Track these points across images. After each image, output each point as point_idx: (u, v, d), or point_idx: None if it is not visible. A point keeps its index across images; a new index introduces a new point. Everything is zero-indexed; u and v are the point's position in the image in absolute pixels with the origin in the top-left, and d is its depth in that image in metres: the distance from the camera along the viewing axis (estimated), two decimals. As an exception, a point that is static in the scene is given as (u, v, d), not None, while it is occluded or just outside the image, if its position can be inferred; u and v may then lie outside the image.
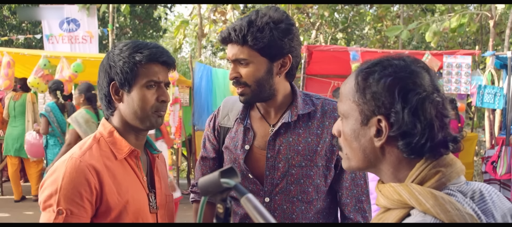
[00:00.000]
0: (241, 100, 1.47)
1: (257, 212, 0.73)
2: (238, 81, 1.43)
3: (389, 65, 0.88)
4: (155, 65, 1.28)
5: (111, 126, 1.32)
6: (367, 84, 0.88)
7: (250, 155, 1.50)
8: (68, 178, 1.18)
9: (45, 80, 5.51)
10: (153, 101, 1.28)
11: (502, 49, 7.55)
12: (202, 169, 1.65)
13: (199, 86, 6.04)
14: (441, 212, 0.78)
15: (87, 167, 1.20)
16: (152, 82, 1.28)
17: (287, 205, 1.46)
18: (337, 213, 1.59)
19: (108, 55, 1.32)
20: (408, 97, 0.83)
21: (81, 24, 8.47)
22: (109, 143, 1.30)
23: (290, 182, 1.45)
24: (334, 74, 6.87)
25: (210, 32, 11.03)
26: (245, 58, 1.40)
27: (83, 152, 1.24)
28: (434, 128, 0.84)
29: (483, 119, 8.16)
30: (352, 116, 0.91)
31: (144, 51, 1.26)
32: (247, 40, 1.38)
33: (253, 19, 1.39)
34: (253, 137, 1.51)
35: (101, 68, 1.33)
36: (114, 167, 1.27)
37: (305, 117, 1.49)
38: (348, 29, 13.95)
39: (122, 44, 1.31)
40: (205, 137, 1.66)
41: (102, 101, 1.35)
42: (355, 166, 0.95)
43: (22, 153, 5.89)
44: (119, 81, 1.27)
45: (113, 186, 1.24)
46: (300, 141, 1.46)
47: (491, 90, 5.70)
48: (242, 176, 1.50)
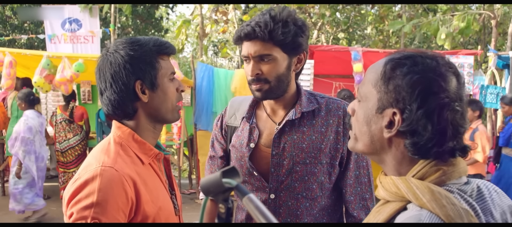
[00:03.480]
0: (258, 96, 1.47)
1: (258, 212, 0.73)
2: (258, 78, 1.43)
3: (421, 62, 0.87)
4: (167, 57, 1.28)
5: (128, 129, 1.24)
6: (393, 75, 0.87)
7: (255, 153, 1.52)
8: (106, 192, 1.09)
9: (48, 80, 5.52)
10: (175, 93, 1.28)
11: (505, 49, 7.52)
12: (210, 168, 1.68)
13: (200, 86, 6.04)
14: (436, 207, 0.78)
15: (124, 177, 1.12)
16: (172, 75, 1.27)
17: (292, 202, 1.49)
18: (342, 210, 1.61)
19: (118, 55, 1.21)
20: (428, 99, 0.83)
21: (83, 24, 8.48)
22: (132, 147, 1.23)
23: (295, 179, 1.47)
24: (336, 74, 6.87)
25: (211, 32, 11.04)
26: (269, 54, 1.41)
27: (114, 160, 1.15)
28: (446, 135, 0.84)
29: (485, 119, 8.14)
30: (369, 100, 0.92)
31: (160, 45, 1.25)
32: (274, 36, 1.39)
33: (274, 15, 1.40)
34: (259, 135, 1.53)
35: (118, 70, 1.20)
36: (143, 173, 1.21)
37: (310, 115, 1.51)
38: (349, 29, 13.93)
39: (125, 40, 1.24)
40: (213, 136, 1.69)
41: (115, 105, 1.22)
42: (360, 148, 0.96)
43: None
44: (148, 79, 1.21)
45: (147, 194, 1.18)
46: (305, 138, 1.48)
47: (494, 90, 5.70)
48: (248, 174, 1.53)
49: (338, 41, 14.19)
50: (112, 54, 1.23)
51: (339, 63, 6.26)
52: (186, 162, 8.24)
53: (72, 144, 5.97)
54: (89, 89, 7.98)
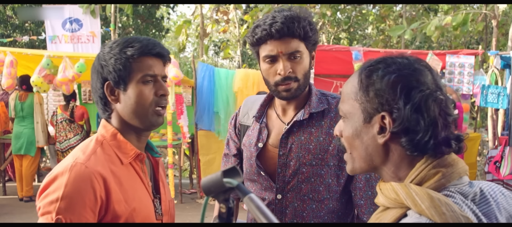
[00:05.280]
0: (287, 95, 1.44)
1: (259, 212, 0.73)
2: (289, 77, 1.41)
3: (393, 63, 0.88)
4: (149, 59, 1.22)
5: (113, 128, 1.25)
6: (370, 82, 0.88)
7: (263, 153, 1.52)
8: (72, 186, 1.09)
9: (47, 80, 5.52)
10: (151, 97, 1.22)
11: (506, 49, 7.51)
12: (225, 165, 1.69)
13: (201, 86, 6.05)
14: (435, 214, 0.77)
15: (93, 174, 1.12)
16: (148, 77, 1.21)
17: (298, 203, 1.47)
18: (354, 214, 1.58)
19: (98, 55, 1.25)
20: (411, 94, 0.83)
21: (84, 24, 8.47)
22: (113, 146, 1.22)
23: (301, 180, 1.46)
24: (337, 74, 6.87)
25: (212, 31, 11.04)
26: (300, 51, 1.40)
27: (87, 157, 1.16)
28: (438, 126, 0.84)
29: (486, 119, 8.12)
30: (354, 114, 0.91)
31: (135, 45, 1.20)
32: (305, 32, 1.38)
33: (297, 13, 1.39)
34: (268, 135, 1.52)
35: (93, 70, 1.26)
36: (120, 173, 1.20)
37: (319, 115, 1.49)
38: (350, 29, 13.92)
39: (112, 41, 1.25)
40: (229, 135, 1.69)
41: (97, 104, 1.27)
42: (358, 166, 0.94)
43: (26, 151, 5.92)
44: (113, 80, 1.21)
45: (120, 194, 1.16)
46: (312, 139, 1.46)
47: (495, 89, 5.69)
48: (256, 173, 1.52)
49: (339, 41, 14.18)
50: (98, 53, 1.27)
51: (340, 63, 6.26)
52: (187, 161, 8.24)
53: (72, 144, 5.99)
54: (90, 89, 7.97)
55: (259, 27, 1.41)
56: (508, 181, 5.27)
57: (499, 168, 5.25)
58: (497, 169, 5.28)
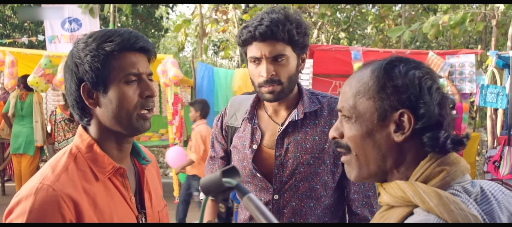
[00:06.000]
0: (269, 98, 1.44)
1: (258, 211, 0.73)
2: (272, 80, 1.40)
3: (408, 61, 0.87)
4: (132, 54, 1.06)
5: (89, 138, 1.08)
6: (390, 78, 0.85)
7: (258, 154, 1.51)
8: (37, 213, 0.94)
9: (46, 79, 5.51)
10: (136, 99, 1.06)
11: (505, 49, 7.52)
12: (211, 169, 1.67)
13: (200, 85, 6.05)
14: (444, 212, 0.76)
15: (61, 198, 0.96)
16: (131, 76, 1.05)
17: (296, 202, 1.48)
18: (344, 209, 1.60)
19: (71, 52, 1.08)
20: (431, 90, 0.84)
21: (83, 24, 8.47)
22: (88, 159, 1.07)
23: (299, 179, 1.47)
24: (336, 74, 6.86)
25: (211, 31, 11.03)
26: (284, 54, 1.39)
27: (57, 177, 1.00)
28: (450, 124, 0.85)
29: (485, 118, 8.14)
30: (365, 113, 0.88)
31: (115, 39, 1.04)
32: (290, 36, 1.37)
33: (287, 15, 1.38)
34: (261, 136, 1.52)
35: (66, 69, 1.08)
36: (95, 191, 1.04)
37: (312, 115, 1.50)
38: (350, 29, 13.93)
39: (87, 35, 1.08)
40: (213, 137, 1.66)
41: (73, 109, 1.10)
42: (366, 171, 0.90)
43: (24, 150, 5.92)
44: (90, 80, 1.04)
45: (94, 216, 1.02)
46: (308, 139, 1.47)
47: (494, 89, 5.69)
48: (250, 175, 1.52)
49: (339, 41, 14.18)
50: (71, 50, 1.09)
51: (339, 62, 6.26)
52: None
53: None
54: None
55: (246, 28, 1.40)
56: (507, 181, 5.28)
57: (498, 167, 5.26)
58: (496, 169, 5.29)
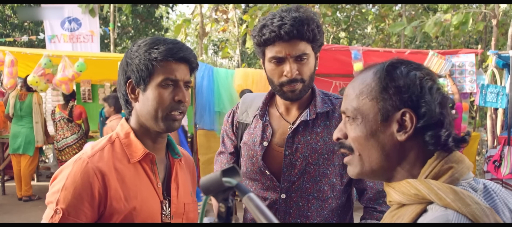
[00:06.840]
0: (292, 96, 1.44)
1: (259, 211, 0.72)
2: (295, 79, 1.40)
3: (410, 62, 0.90)
4: (173, 62, 1.22)
5: (128, 127, 1.28)
6: (392, 78, 0.88)
7: (268, 152, 1.51)
8: (72, 179, 1.14)
9: (46, 79, 5.51)
10: (168, 101, 1.22)
11: (505, 49, 7.52)
12: (220, 163, 1.67)
13: (200, 85, 6.03)
14: (462, 206, 0.77)
15: (93, 170, 1.16)
16: (168, 81, 1.21)
17: (303, 203, 1.47)
18: (352, 212, 1.59)
19: (127, 53, 1.28)
20: (431, 90, 0.86)
21: (83, 24, 8.47)
22: (124, 144, 1.25)
23: (307, 180, 1.46)
24: (336, 74, 6.85)
25: (211, 31, 11.02)
26: (307, 53, 1.40)
27: (93, 153, 1.20)
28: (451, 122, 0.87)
29: (485, 118, 8.13)
30: (368, 114, 0.90)
31: (160, 47, 1.21)
32: (314, 34, 1.39)
33: (307, 14, 1.39)
34: (272, 134, 1.51)
35: (120, 66, 1.29)
36: (125, 171, 1.21)
37: (324, 116, 1.50)
38: (350, 28, 13.92)
39: (141, 40, 1.27)
40: (224, 132, 1.67)
41: (121, 100, 1.31)
42: (368, 167, 0.92)
43: (24, 150, 5.91)
44: (134, 79, 1.23)
45: (120, 191, 1.18)
46: (318, 139, 1.47)
47: (494, 89, 5.68)
48: (259, 172, 1.51)
49: (339, 41, 14.18)
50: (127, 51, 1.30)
51: (339, 62, 6.25)
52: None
53: (69, 143, 5.99)
54: (89, 88, 7.97)
55: (267, 28, 1.38)
56: (507, 181, 5.27)
57: (498, 167, 5.25)
58: (496, 169, 5.28)
